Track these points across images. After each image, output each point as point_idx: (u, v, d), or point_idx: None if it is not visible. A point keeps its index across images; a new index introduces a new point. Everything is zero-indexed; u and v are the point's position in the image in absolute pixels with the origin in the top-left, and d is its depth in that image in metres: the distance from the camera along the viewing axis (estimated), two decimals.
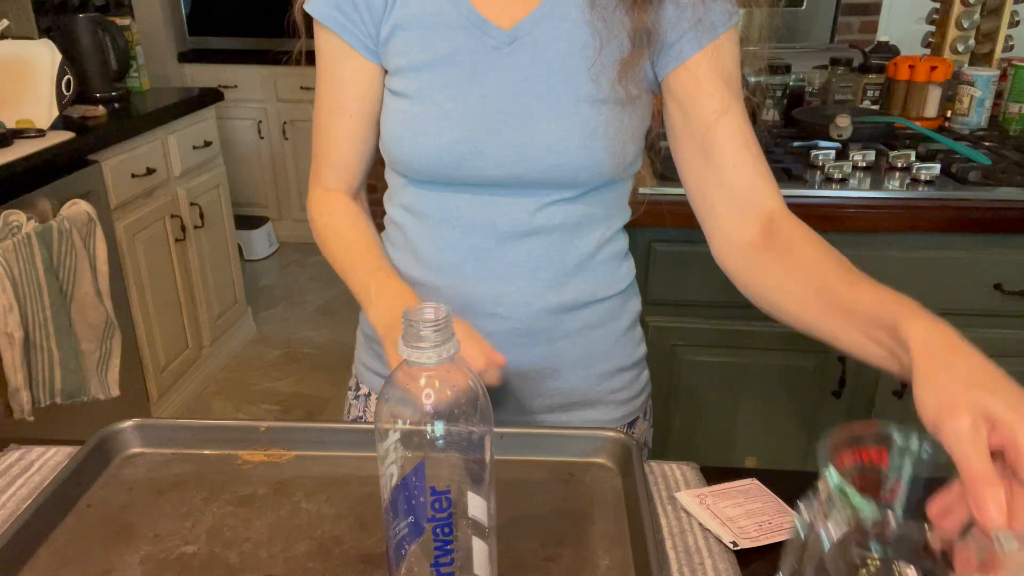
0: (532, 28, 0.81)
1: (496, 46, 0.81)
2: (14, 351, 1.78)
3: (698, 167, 0.82)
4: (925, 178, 1.53)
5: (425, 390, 0.52)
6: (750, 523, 0.71)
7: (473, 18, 0.81)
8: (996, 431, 0.50)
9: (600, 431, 0.80)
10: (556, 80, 0.80)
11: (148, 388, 2.52)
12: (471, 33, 0.81)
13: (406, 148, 0.83)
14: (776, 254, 0.77)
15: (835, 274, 0.70)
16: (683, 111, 0.82)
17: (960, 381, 0.52)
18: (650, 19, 0.79)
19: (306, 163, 4.03)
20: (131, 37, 2.66)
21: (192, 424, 0.82)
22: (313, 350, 3.14)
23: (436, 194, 0.86)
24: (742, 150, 0.80)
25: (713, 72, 0.80)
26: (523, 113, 0.80)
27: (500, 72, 0.81)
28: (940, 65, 1.82)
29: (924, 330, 0.57)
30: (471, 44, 0.81)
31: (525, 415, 0.93)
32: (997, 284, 1.51)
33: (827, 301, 0.69)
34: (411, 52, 0.82)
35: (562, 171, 0.82)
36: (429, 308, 0.52)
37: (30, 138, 2.09)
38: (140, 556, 0.67)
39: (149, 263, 2.50)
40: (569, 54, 0.80)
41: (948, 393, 0.52)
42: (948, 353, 0.55)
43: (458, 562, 0.55)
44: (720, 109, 0.80)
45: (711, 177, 0.81)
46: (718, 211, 0.81)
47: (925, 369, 0.55)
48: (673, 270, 1.55)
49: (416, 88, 0.82)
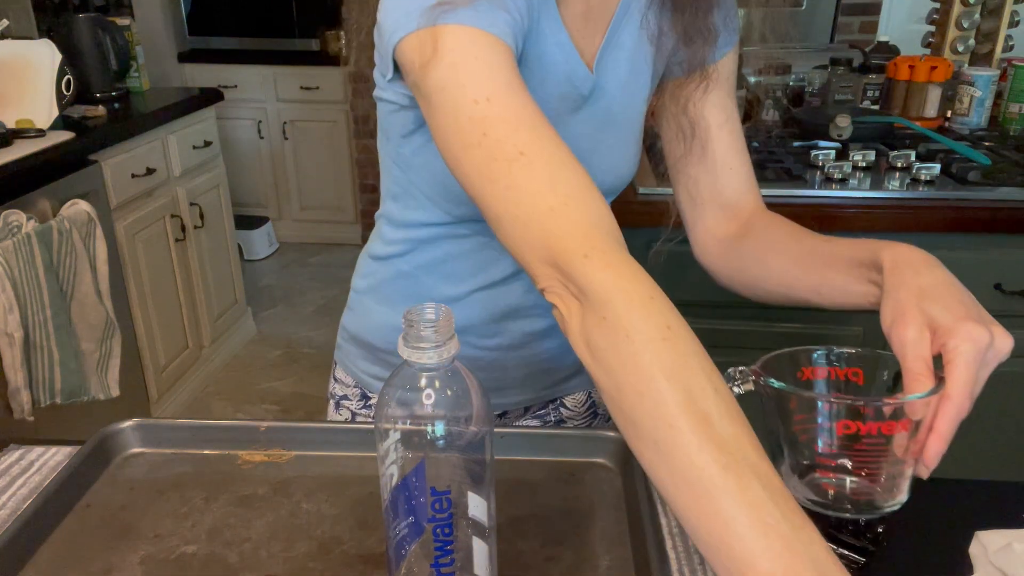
0: (605, 57, 0.78)
1: (585, 94, 0.78)
2: (14, 351, 1.78)
3: (693, 167, 0.86)
4: (925, 178, 1.53)
5: (425, 390, 0.52)
6: None
7: (571, 58, 0.75)
8: (936, 336, 0.56)
9: (600, 431, 0.80)
10: (619, 108, 0.81)
11: (148, 388, 2.52)
12: (568, 79, 0.76)
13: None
14: (755, 238, 0.82)
15: (812, 238, 0.76)
16: (686, 115, 0.84)
17: (914, 295, 0.58)
18: (703, 52, 0.80)
19: (306, 163, 4.06)
20: (131, 37, 2.66)
21: (192, 424, 0.82)
22: (313, 350, 3.14)
23: (463, 235, 0.84)
24: (738, 155, 0.85)
25: (720, 82, 0.83)
26: (595, 147, 0.81)
27: (584, 113, 0.79)
28: (940, 65, 1.82)
29: (896, 253, 0.63)
30: (568, 92, 0.77)
31: (546, 389, 0.95)
32: (997, 284, 1.51)
33: (808, 260, 0.74)
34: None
35: (620, 184, 0.86)
36: (429, 308, 0.52)
37: (30, 138, 2.09)
38: (140, 556, 0.67)
39: (149, 263, 2.50)
40: (629, 81, 0.81)
41: (901, 305, 0.58)
42: (911, 272, 0.60)
43: (458, 562, 0.55)
44: (723, 119, 0.84)
45: (705, 177, 0.85)
46: (706, 209, 0.86)
47: (889, 287, 0.60)
48: (672, 270, 1.55)
49: None
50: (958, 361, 0.54)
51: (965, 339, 0.54)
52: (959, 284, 0.60)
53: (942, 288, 0.58)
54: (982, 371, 0.56)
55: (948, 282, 0.59)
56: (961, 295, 0.58)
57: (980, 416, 1.90)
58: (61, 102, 2.23)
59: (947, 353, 0.55)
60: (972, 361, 0.54)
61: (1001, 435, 1.66)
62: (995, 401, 1.63)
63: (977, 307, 0.58)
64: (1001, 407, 1.63)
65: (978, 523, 0.69)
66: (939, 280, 0.59)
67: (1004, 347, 0.56)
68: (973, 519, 0.71)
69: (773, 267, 0.79)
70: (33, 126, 2.15)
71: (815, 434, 0.59)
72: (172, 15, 3.92)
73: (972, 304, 0.58)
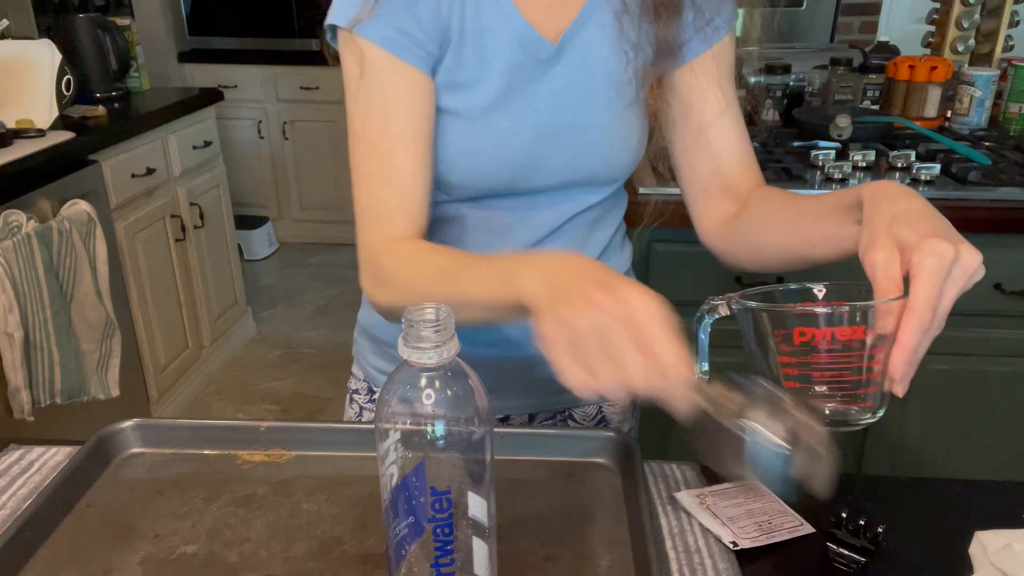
0: (574, 38, 0.80)
1: (545, 60, 0.80)
2: (14, 351, 1.78)
3: (695, 156, 0.87)
4: (925, 178, 1.53)
5: (425, 390, 0.52)
6: (750, 523, 0.71)
7: (525, 32, 0.79)
8: (903, 256, 0.57)
9: (600, 431, 0.80)
10: (598, 86, 0.82)
11: (148, 388, 2.52)
12: (523, 49, 0.79)
13: (463, 171, 0.81)
14: (749, 212, 0.83)
15: (801, 199, 0.78)
16: (685, 106, 0.85)
17: (886, 221, 0.59)
18: (673, 31, 0.81)
19: (306, 163, 4.06)
20: (131, 37, 2.66)
21: (192, 424, 0.82)
22: (313, 350, 3.14)
23: (475, 203, 0.85)
24: (739, 140, 0.86)
25: (717, 70, 0.84)
26: (573, 123, 0.82)
27: (550, 85, 0.81)
28: (940, 65, 1.82)
29: (875, 188, 0.63)
30: (523, 60, 0.79)
31: (550, 396, 0.94)
32: (997, 284, 1.51)
33: (799, 219, 0.75)
34: (464, 69, 0.79)
35: (610, 172, 0.86)
36: (430, 308, 0.52)
37: (30, 138, 2.09)
38: (140, 556, 0.67)
39: (149, 263, 2.50)
40: (609, 60, 0.81)
41: (874, 231, 0.59)
42: (887, 202, 0.61)
43: (458, 562, 0.55)
44: (721, 107, 0.84)
45: (708, 165, 0.86)
46: (710, 194, 0.87)
47: (866, 217, 0.61)
48: (673, 270, 1.55)
49: (469, 107, 0.80)
50: (921, 274, 0.55)
51: (928, 253, 0.55)
52: (933, 210, 0.60)
53: (914, 213, 0.59)
54: (949, 286, 0.56)
55: (921, 207, 0.60)
56: (932, 218, 0.59)
57: (980, 416, 1.90)
58: (61, 102, 2.23)
59: (911, 268, 0.56)
60: (934, 273, 0.55)
61: (1001, 435, 1.66)
62: (995, 401, 1.63)
63: (948, 227, 0.58)
64: (1001, 407, 1.63)
65: (978, 523, 0.69)
66: (913, 206, 0.60)
67: (970, 262, 0.56)
68: (973, 519, 0.71)
69: (768, 235, 0.80)
70: (33, 126, 2.15)
71: (783, 348, 0.61)
72: (172, 15, 3.92)
73: (942, 224, 0.59)
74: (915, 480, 0.81)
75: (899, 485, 0.81)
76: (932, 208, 0.60)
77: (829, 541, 0.70)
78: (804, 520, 0.72)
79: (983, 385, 1.62)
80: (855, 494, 0.76)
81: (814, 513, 0.72)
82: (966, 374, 1.61)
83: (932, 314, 0.55)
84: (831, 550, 0.69)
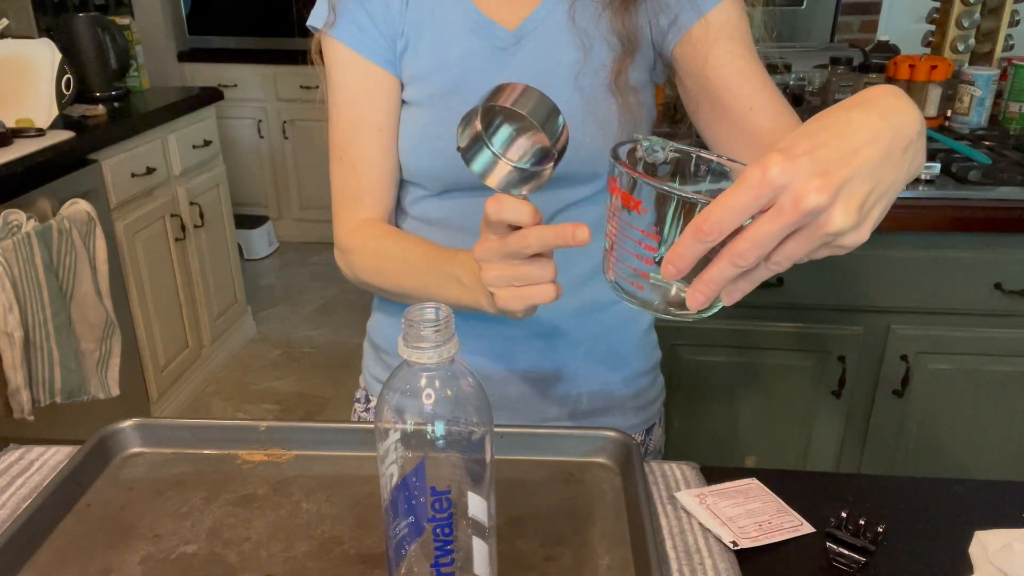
0: (536, 26, 0.81)
1: (503, 47, 0.81)
2: (14, 351, 1.78)
3: (717, 124, 0.81)
4: (925, 178, 1.53)
5: (425, 390, 0.52)
6: (750, 523, 0.71)
7: (479, 21, 0.81)
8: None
9: (600, 431, 0.80)
10: (564, 75, 0.81)
11: (148, 388, 2.52)
12: (478, 36, 0.81)
13: (422, 156, 0.83)
14: None
15: None
16: (695, 79, 0.81)
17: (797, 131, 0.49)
18: (632, 24, 0.80)
19: (306, 162, 4.06)
20: (131, 37, 2.66)
21: (192, 424, 0.82)
22: (313, 350, 3.14)
23: (454, 202, 0.85)
24: (758, 92, 0.78)
25: (717, 34, 0.79)
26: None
27: (510, 72, 0.81)
28: (940, 64, 1.82)
29: (864, 92, 0.53)
30: (479, 47, 0.81)
31: (544, 422, 0.92)
32: (997, 284, 1.51)
33: None
34: (421, 60, 0.82)
35: (582, 163, 0.81)
36: (430, 308, 0.52)
37: (30, 137, 2.09)
38: (140, 556, 0.67)
39: (149, 263, 2.50)
40: (569, 51, 0.81)
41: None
42: (833, 111, 0.51)
43: (458, 562, 0.55)
44: (726, 60, 0.79)
45: (731, 129, 0.80)
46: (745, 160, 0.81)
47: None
48: None
49: (428, 95, 0.82)
50: (739, 179, 0.46)
51: (757, 164, 0.45)
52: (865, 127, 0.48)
53: (818, 122, 0.49)
54: (801, 241, 0.47)
55: (835, 115, 0.49)
56: (838, 137, 0.47)
57: (980, 416, 1.91)
58: (61, 101, 2.23)
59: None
60: (753, 186, 0.45)
61: (1001, 435, 1.66)
62: (995, 401, 1.63)
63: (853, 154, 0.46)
64: (1001, 407, 1.64)
65: (978, 523, 0.69)
66: (835, 122, 0.49)
67: (812, 204, 0.44)
68: (973, 519, 0.71)
69: None
70: (33, 125, 2.15)
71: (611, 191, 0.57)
72: (172, 14, 3.91)
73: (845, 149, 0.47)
74: (915, 480, 0.81)
75: (899, 485, 0.81)
76: (873, 125, 0.48)
77: (829, 541, 0.70)
78: (804, 520, 0.72)
79: (983, 385, 1.62)
80: (855, 494, 0.76)
81: (814, 513, 0.73)
82: (966, 374, 1.61)
83: (710, 229, 0.46)
84: (831, 550, 0.69)
